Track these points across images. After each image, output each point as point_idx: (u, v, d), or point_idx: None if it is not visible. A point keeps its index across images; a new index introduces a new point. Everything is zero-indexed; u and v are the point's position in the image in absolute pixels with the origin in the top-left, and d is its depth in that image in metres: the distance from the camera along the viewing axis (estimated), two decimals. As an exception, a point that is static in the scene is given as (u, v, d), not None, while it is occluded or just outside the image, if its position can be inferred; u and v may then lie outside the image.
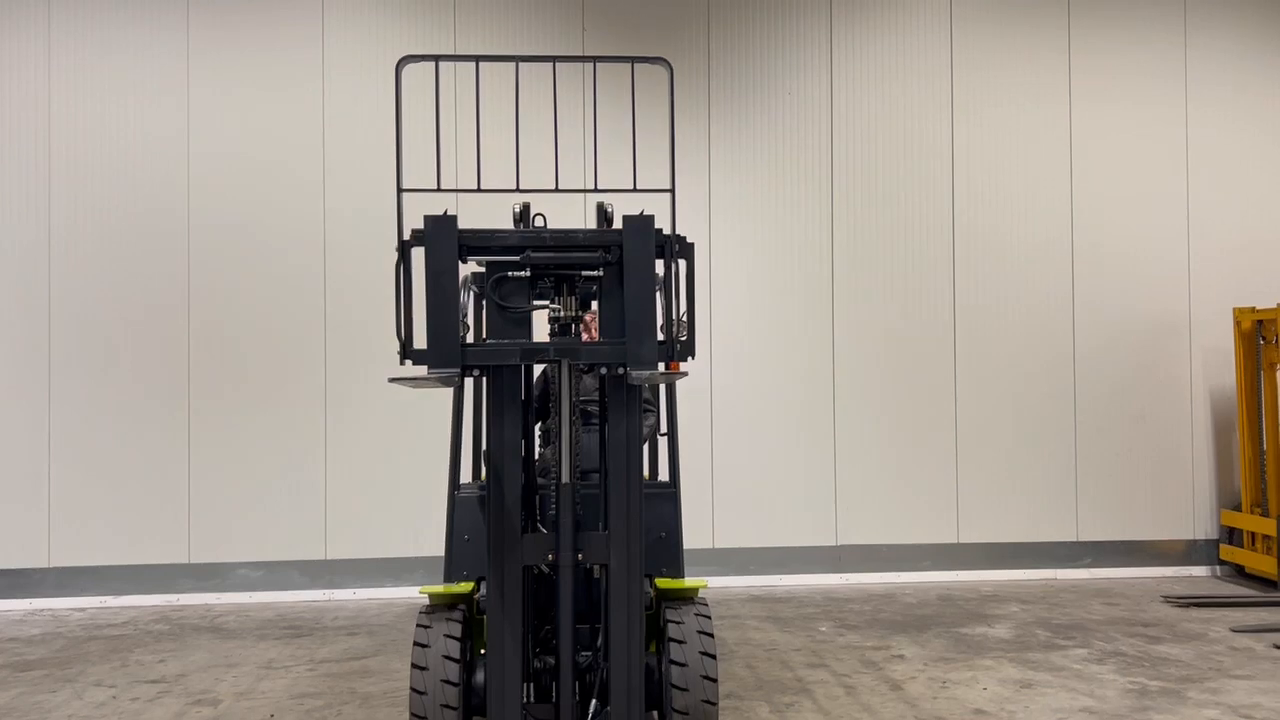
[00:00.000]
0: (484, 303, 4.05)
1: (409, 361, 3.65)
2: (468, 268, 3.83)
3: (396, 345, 3.66)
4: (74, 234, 8.16)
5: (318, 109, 8.36)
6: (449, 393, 5.72)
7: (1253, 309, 8.52)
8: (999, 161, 8.86)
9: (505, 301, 3.72)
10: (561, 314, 3.86)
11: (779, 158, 8.72)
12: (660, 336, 3.73)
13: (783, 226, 8.70)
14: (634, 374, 3.61)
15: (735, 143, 8.68)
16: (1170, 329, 8.93)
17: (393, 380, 3.64)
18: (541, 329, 4.00)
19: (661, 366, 3.75)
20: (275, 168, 8.32)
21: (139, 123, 8.23)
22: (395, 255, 3.69)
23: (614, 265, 3.72)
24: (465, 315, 3.81)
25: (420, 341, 3.63)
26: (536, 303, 3.86)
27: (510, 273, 3.72)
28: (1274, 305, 8.29)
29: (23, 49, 8.18)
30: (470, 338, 3.87)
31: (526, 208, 4.11)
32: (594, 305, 4.29)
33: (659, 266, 3.75)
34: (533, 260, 3.68)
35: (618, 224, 3.79)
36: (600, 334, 3.84)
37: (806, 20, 8.78)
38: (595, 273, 3.79)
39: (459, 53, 8.27)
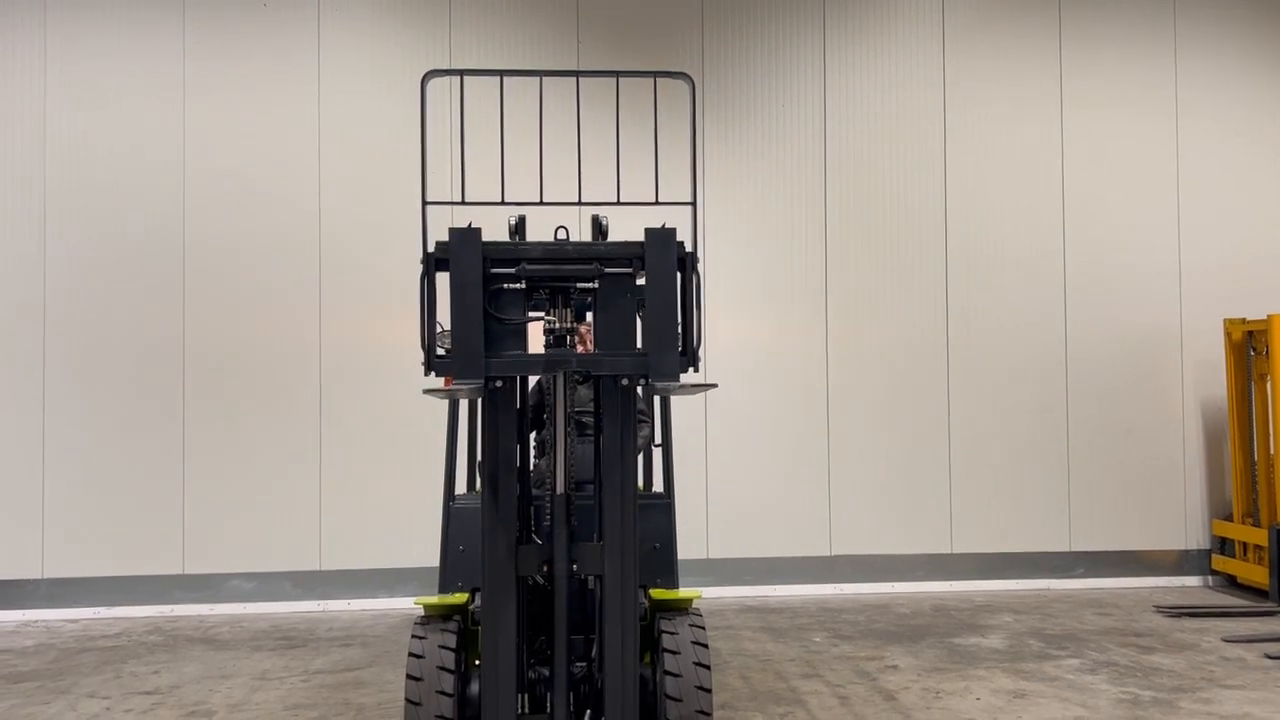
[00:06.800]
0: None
1: (434, 372, 3.68)
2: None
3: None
4: (69, 244, 8.16)
5: (313, 120, 8.38)
6: (443, 404, 5.74)
7: (1243, 320, 8.57)
8: (991, 173, 8.91)
9: (501, 314, 3.74)
10: (557, 325, 3.88)
11: (773, 169, 8.76)
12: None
13: (776, 237, 8.73)
14: (658, 385, 3.63)
15: (729, 154, 8.72)
16: (1161, 340, 8.98)
17: (427, 392, 3.68)
18: (535, 340, 4.02)
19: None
20: (270, 178, 8.33)
21: (134, 133, 8.24)
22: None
23: (608, 277, 3.74)
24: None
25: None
26: (533, 314, 3.88)
27: (506, 285, 3.74)
28: (1264, 316, 8.33)
29: (18, 58, 8.19)
30: None
31: (522, 220, 4.14)
32: (589, 316, 4.32)
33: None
34: (528, 273, 3.71)
35: (612, 237, 3.81)
36: (595, 345, 3.86)
37: (800, 32, 8.83)
38: (590, 285, 3.81)
39: (456, 65, 8.30)
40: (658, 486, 5.55)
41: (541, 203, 3.95)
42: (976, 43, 8.95)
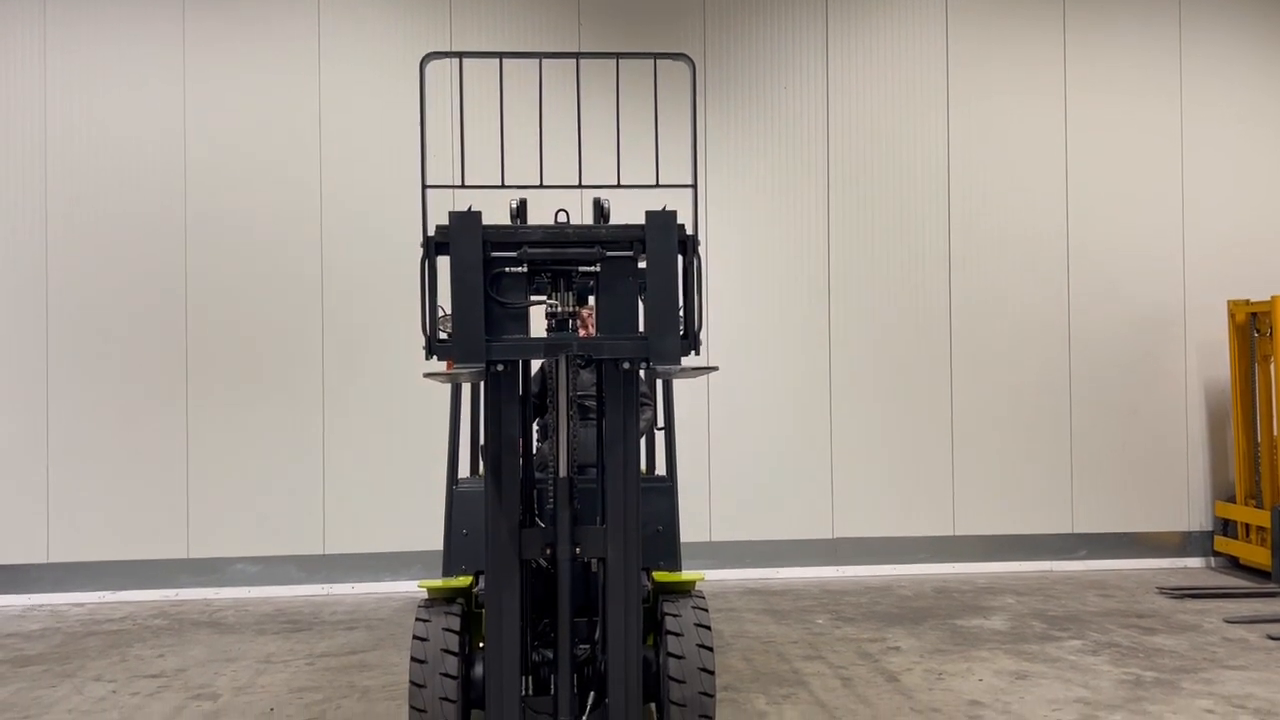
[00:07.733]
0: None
1: (435, 356, 3.69)
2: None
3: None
4: (71, 228, 8.15)
5: (314, 103, 8.36)
6: (445, 387, 5.75)
7: (1247, 301, 8.55)
8: (994, 155, 8.88)
9: (503, 297, 3.74)
10: (559, 309, 3.88)
11: (775, 152, 8.73)
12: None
13: (779, 220, 8.71)
14: (659, 369, 3.62)
15: (732, 136, 8.69)
16: (1165, 322, 8.97)
17: (427, 375, 3.68)
18: (537, 323, 4.01)
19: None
20: (272, 163, 8.31)
21: (135, 117, 8.22)
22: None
23: (610, 261, 3.73)
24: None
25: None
26: (535, 298, 3.88)
27: (508, 268, 3.73)
28: (1268, 298, 8.31)
29: (18, 43, 8.16)
30: None
31: (523, 204, 4.13)
32: (590, 300, 4.31)
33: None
34: (529, 256, 3.70)
35: (613, 220, 3.80)
36: (597, 329, 3.85)
37: (803, 14, 8.79)
38: (593, 268, 3.80)
39: (457, 49, 8.27)
40: (660, 470, 5.56)
41: (542, 186, 3.94)
42: (981, 25, 8.90)
